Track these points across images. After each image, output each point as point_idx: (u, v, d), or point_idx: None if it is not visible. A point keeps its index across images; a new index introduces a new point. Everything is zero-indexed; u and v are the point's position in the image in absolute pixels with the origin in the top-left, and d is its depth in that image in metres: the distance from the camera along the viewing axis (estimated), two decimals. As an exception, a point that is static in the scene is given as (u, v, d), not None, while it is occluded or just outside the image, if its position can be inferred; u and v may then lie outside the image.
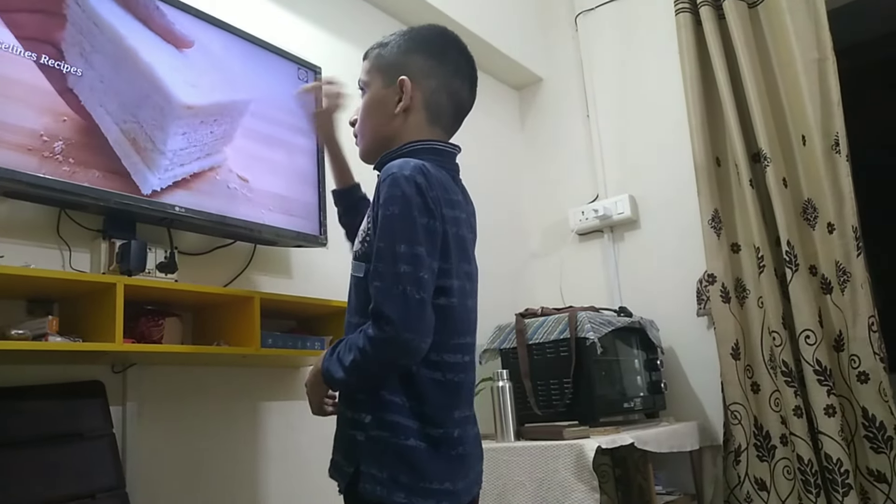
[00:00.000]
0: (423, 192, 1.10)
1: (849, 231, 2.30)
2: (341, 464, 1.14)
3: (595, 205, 2.89)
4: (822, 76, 2.40)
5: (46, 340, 1.24)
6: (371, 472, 1.08)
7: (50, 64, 1.34)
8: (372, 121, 1.28)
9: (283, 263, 1.92)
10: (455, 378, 1.16)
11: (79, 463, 1.36)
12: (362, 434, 1.10)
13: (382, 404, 1.10)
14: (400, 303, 1.04)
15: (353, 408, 1.14)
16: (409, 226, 1.07)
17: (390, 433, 1.09)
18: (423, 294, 1.06)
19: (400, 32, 1.30)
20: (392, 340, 1.05)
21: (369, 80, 1.28)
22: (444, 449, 1.12)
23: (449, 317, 1.14)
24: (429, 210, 1.10)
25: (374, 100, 1.27)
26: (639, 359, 2.47)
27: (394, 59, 1.26)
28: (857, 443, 2.25)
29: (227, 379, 1.73)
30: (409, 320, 1.04)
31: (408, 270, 1.05)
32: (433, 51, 1.27)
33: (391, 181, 1.10)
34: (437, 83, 1.26)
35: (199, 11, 1.66)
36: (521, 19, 3.12)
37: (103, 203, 1.39)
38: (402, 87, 1.23)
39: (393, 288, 1.05)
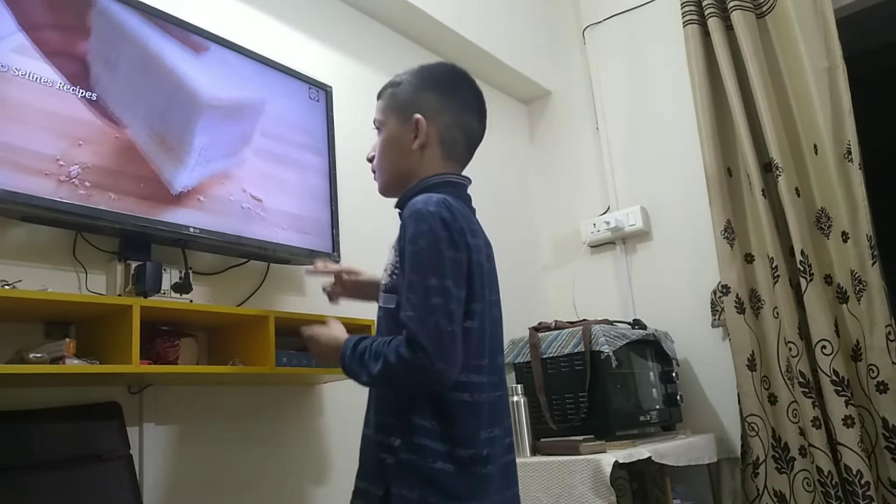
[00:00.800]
0: (449, 225, 1.15)
1: (863, 239, 2.28)
2: (369, 489, 1.16)
3: (607, 217, 2.89)
4: (832, 84, 2.40)
5: (64, 363, 1.24)
6: (402, 494, 1.11)
7: (70, 91, 1.36)
8: (390, 158, 1.34)
9: (297, 281, 1.93)
10: (480, 398, 1.19)
11: (97, 484, 1.36)
12: (392, 457, 1.14)
13: (411, 428, 1.14)
14: (434, 334, 1.09)
15: (383, 432, 1.17)
16: (438, 260, 1.13)
17: (419, 456, 1.12)
18: (454, 326, 1.11)
19: (411, 71, 1.37)
20: (426, 369, 1.09)
21: (385, 119, 1.35)
22: (472, 469, 1.14)
23: (473, 339, 1.18)
24: (454, 243, 1.15)
25: (391, 138, 1.33)
26: (654, 371, 2.45)
27: (407, 98, 1.33)
28: (877, 454, 2.22)
29: (243, 398, 1.73)
30: (443, 351, 1.09)
31: (439, 303, 1.11)
32: (444, 88, 1.34)
33: (417, 217, 1.16)
34: (450, 119, 1.33)
35: (210, 33, 1.68)
36: (529, 33, 3.13)
37: (119, 225, 1.40)
38: (418, 126, 1.29)
39: (426, 319, 1.10)
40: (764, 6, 2.58)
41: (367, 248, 2.07)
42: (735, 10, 2.54)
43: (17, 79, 1.29)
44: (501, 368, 1.29)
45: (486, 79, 2.98)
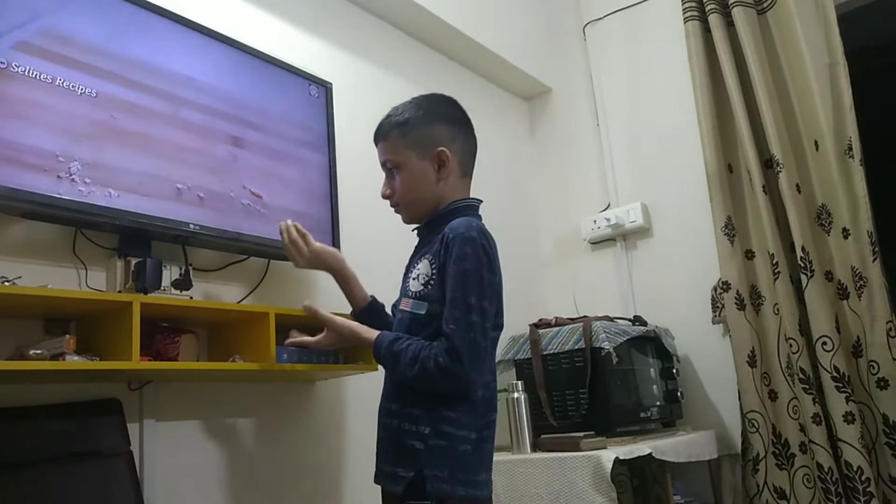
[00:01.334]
0: (488, 252, 1.33)
1: (864, 235, 2.28)
2: (397, 472, 1.31)
3: (607, 213, 2.89)
4: (833, 81, 2.39)
5: (64, 360, 1.24)
6: (435, 474, 1.27)
7: (65, 85, 1.36)
8: (418, 192, 1.44)
9: (297, 279, 1.92)
10: (487, 394, 1.38)
11: (97, 481, 1.37)
12: (422, 444, 1.29)
13: (440, 419, 1.30)
14: (472, 348, 1.28)
15: (412, 421, 1.32)
16: (479, 282, 1.30)
17: (447, 442, 1.30)
18: (487, 343, 1.32)
19: (409, 108, 1.45)
20: (460, 377, 1.28)
21: (403, 159, 1.44)
22: (482, 445, 1.35)
23: (494, 345, 1.41)
24: (492, 268, 1.33)
25: (416, 174, 1.43)
26: (654, 368, 2.45)
27: (423, 134, 1.43)
28: (878, 450, 2.22)
29: (243, 395, 1.73)
30: (476, 364, 1.29)
31: (478, 321, 1.28)
32: (449, 116, 1.47)
33: (462, 240, 1.31)
34: (461, 144, 1.47)
35: (210, 30, 1.67)
36: (530, 30, 3.13)
37: (118, 222, 1.40)
38: (443, 157, 1.42)
39: (466, 334, 1.27)
40: (765, 2, 2.58)
41: (367, 244, 2.08)
42: (736, 6, 2.53)
43: (18, 75, 1.29)
44: None
45: (487, 76, 2.98)
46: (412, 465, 1.29)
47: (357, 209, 2.06)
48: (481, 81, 2.97)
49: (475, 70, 2.92)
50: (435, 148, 1.42)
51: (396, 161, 1.44)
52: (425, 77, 2.63)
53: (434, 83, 2.66)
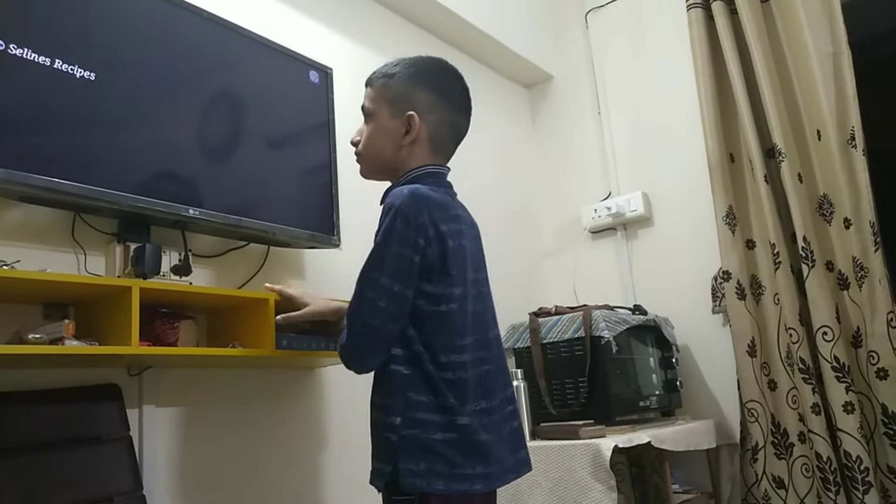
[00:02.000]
0: (409, 222, 1.22)
1: (866, 226, 2.27)
2: (381, 468, 1.22)
3: (608, 202, 2.88)
4: (836, 70, 2.38)
5: (63, 344, 1.24)
6: (409, 468, 1.18)
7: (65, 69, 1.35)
8: (378, 148, 1.38)
9: (297, 265, 1.92)
10: (463, 376, 1.25)
11: (96, 466, 1.36)
12: (395, 435, 1.20)
13: (410, 405, 1.21)
14: (358, 324, 1.24)
15: (385, 412, 1.24)
16: (384, 255, 1.22)
17: (420, 430, 1.20)
18: (376, 321, 1.21)
19: (405, 63, 1.40)
20: (347, 351, 1.26)
21: (375, 109, 1.38)
22: (471, 437, 1.23)
23: (450, 321, 1.26)
24: (407, 240, 1.21)
25: (381, 129, 1.37)
26: (654, 357, 2.45)
27: (401, 92, 1.36)
28: (876, 440, 2.23)
29: (243, 381, 1.73)
30: (358, 341, 1.24)
31: (370, 296, 1.21)
32: (437, 86, 1.38)
33: (385, 211, 1.25)
34: (441, 117, 1.37)
35: (210, 14, 1.66)
36: (532, 17, 3.11)
37: (118, 206, 1.39)
38: (411, 122, 1.34)
39: (357, 309, 1.24)
40: (769, -10, 2.56)
41: (366, 231, 2.06)
42: (739, -7, 2.52)
43: (15, 58, 1.28)
44: (491, 343, 1.35)
45: (488, 63, 2.96)
46: (390, 460, 1.20)
47: (357, 196, 2.05)
48: (482, 68, 2.95)
49: (476, 57, 2.90)
50: (406, 110, 1.34)
51: (370, 109, 1.39)
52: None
53: (435, 70, 2.65)
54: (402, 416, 1.21)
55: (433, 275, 1.24)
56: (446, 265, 1.25)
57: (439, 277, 1.25)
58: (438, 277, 1.25)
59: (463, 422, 1.22)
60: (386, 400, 1.24)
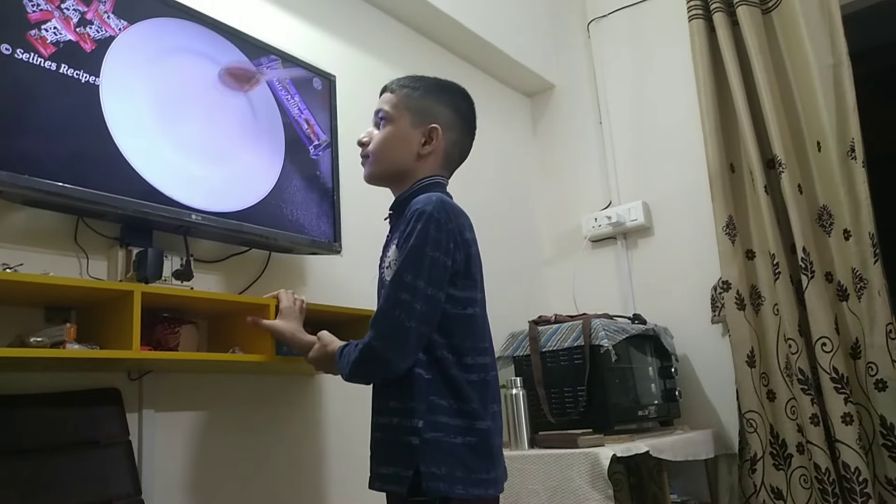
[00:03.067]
0: (441, 227, 1.25)
1: (865, 238, 2.28)
2: (398, 472, 1.23)
3: (608, 212, 2.89)
4: (837, 81, 2.39)
5: (64, 348, 1.24)
6: (432, 471, 1.20)
7: (69, 73, 1.36)
8: (393, 153, 1.41)
9: (298, 271, 1.92)
10: (486, 377, 1.31)
11: (95, 470, 1.36)
12: (416, 438, 1.22)
13: (432, 409, 1.24)
14: (392, 325, 1.22)
15: (406, 416, 1.25)
16: (419, 259, 1.23)
17: (443, 434, 1.23)
18: (412, 323, 1.22)
19: (428, 79, 1.46)
20: (377, 355, 1.24)
21: (396, 115, 1.41)
22: (488, 442, 1.27)
23: (476, 324, 1.32)
24: (440, 245, 1.25)
25: (400, 135, 1.40)
26: (653, 366, 2.45)
27: (426, 105, 1.41)
28: (875, 451, 2.22)
29: (243, 386, 1.73)
30: (395, 342, 1.23)
31: (406, 299, 1.22)
32: (459, 108, 1.45)
33: (417, 217, 1.26)
34: (456, 137, 1.44)
35: (214, 21, 1.67)
36: (534, 26, 3.12)
37: (121, 211, 1.40)
38: (433, 134, 1.39)
39: (390, 311, 1.23)
40: (770, 1, 2.57)
41: (367, 237, 2.07)
42: (741, 5, 2.53)
43: (20, 62, 1.29)
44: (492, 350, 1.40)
45: (490, 71, 2.98)
46: (411, 464, 1.21)
47: (358, 202, 2.06)
48: (484, 77, 2.97)
49: (478, 65, 2.91)
50: (430, 122, 1.39)
51: (390, 114, 1.41)
52: (428, 71, 2.57)
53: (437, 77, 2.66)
54: (425, 419, 1.22)
55: (459, 279, 1.29)
56: (470, 270, 1.31)
57: (464, 282, 1.30)
58: (464, 282, 1.30)
59: (483, 426, 1.26)
60: (408, 404, 1.25)
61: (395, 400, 1.28)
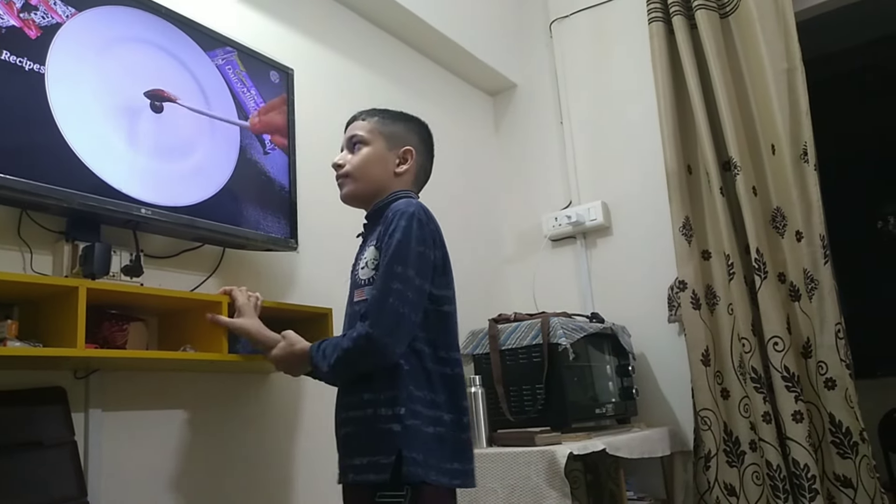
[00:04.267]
0: (423, 225, 1.35)
1: (816, 239, 2.33)
2: (378, 461, 1.27)
3: (568, 211, 2.90)
4: (791, 86, 2.44)
5: (5, 345, 1.20)
6: (412, 456, 1.26)
7: (12, 61, 1.31)
8: (372, 172, 1.50)
9: (253, 267, 1.89)
10: (459, 372, 1.41)
11: (38, 472, 1.32)
12: (399, 425, 1.28)
13: (412, 398, 1.30)
14: (387, 312, 1.28)
15: (386, 405, 1.30)
16: (407, 251, 1.32)
17: (421, 422, 1.30)
18: (405, 309, 1.29)
19: (396, 112, 1.57)
20: (374, 341, 1.28)
21: (371, 139, 1.51)
22: (456, 433, 1.35)
23: (451, 321, 1.42)
24: (424, 240, 1.35)
25: (377, 157, 1.51)
26: (611, 365, 2.47)
27: (397, 131, 1.54)
28: (824, 448, 2.27)
29: (194, 385, 1.69)
30: (391, 328, 1.28)
31: (398, 287, 1.29)
32: (424, 137, 1.59)
33: (399, 216, 1.35)
34: (423, 161, 1.57)
35: (168, 10, 1.63)
36: (496, 25, 3.12)
37: (66, 204, 1.35)
38: (408, 155, 1.52)
39: (384, 300, 1.29)
40: (727, 6, 2.61)
41: (324, 233, 2.05)
42: (699, 9, 2.56)
43: None
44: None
45: (453, 69, 2.97)
46: (392, 449, 1.26)
47: (315, 198, 2.03)
48: (446, 74, 2.96)
49: (440, 63, 2.90)
50: (403, 145, 1.51)
51: (365, 138, 1.51)
52: (390, 67, 2.60)
53: (399, 74, 2.64)
54: (406, 406, 1.29)
55: (437, 277, 1.38)
56: (446, 269, 1.42)
57: (441, 280, 1.40)
58: (440, 280, 1.39)
59: (447, 418, 1.34)
60: (388, 392, 1.30)
61: (370, 392, 1.33)
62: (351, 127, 1.55)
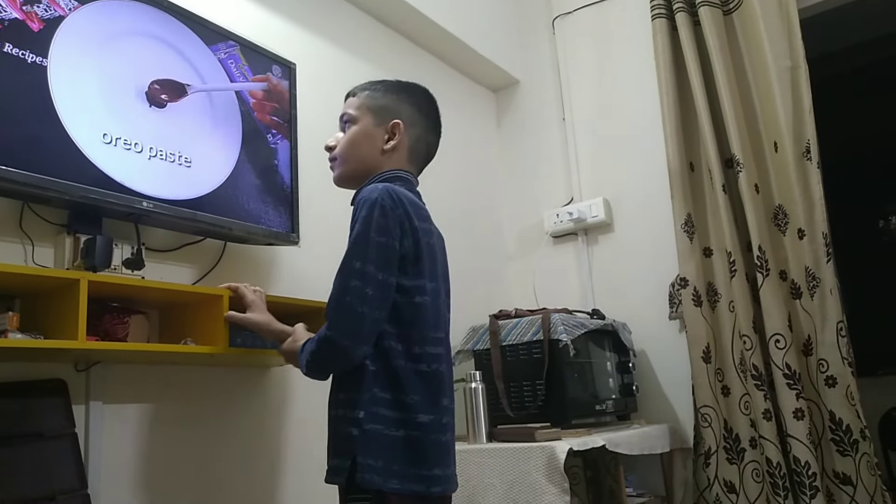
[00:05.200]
0: (386, 212, 1.25)
1: (819, 237, 2.32)
2: (340, 465, 1.22)
3: (570, 207, 2.90)
4: (794, 84, 2.43)
5: (6, 337, 1.20)
6: (367, 463, 1.19)
7: (14, 53, 1.31)
8: (359, 152, 1.42)
9: (254, 262, 1.89)
10: (438, 368, 1.30)
11: (39, 463, 1.33)
12: (357, 429, 1.21)
13: (374, 400, 1.23)
14: (344, 313, 1.22)
15: (347, 406, 1.24)
16: (366, 244, 1.23)
17: (383, 426, 1.22)
18: (365, 308, 1.21)
19: (389, 82, 1.48)
20: (333, 344, 1.23)
21: (359, 116, 1.43)
22: (433, 436, 1.25)
23: (424, 313, 1.30)
24: (386, 230, 1.25)
25: (364, 134, 1.42)
26: (611, 361, 2.47)
27: (386, 103, 1.44)
28: (824, 446, 2.27)
29: (195, 378, 1.70)
30: (349, 329, 1.22)
31: (356, 285, 1.21)
32: (419, 104, 1.47)
33: (361, 204, 1.28)
34: (420, 132, 1.46)
35: (170, 4, 1.63)
36: (499, 21, 3.12)
37: (68, 197, 1.36)
38: (395, 129, 1.41)
39: (341, 299, 1.22)
40: (731, 3, 2.60)
41: (326, 228, 2.05)
42: (703, 6, 2.56)
43: None
44: (446, 342, 1.40)
45: (455, 65, 2.96)
46: (349, 455, 1.20)
47: (317, 193, 2.03)
48: (449, 71, 2.96)
49: (444, 59, 2.90)
50: (391, 119, 1.42)
51: (353, 116, 1.44)
52: (392, 63, 2.60)
53: (401, 69, 2.64)
54: (367, 410, 1.22)
55: (408, 266, 1.28)
56: (419, 257, 1.30)
57: (413, 269, 1.29)
58: (412, 269, 1.29)
59: (423, 420, 1.24)
60: (352, 395, 1.24)
61: (343, 392, 1.28)
62: (344, 104, 1.48)
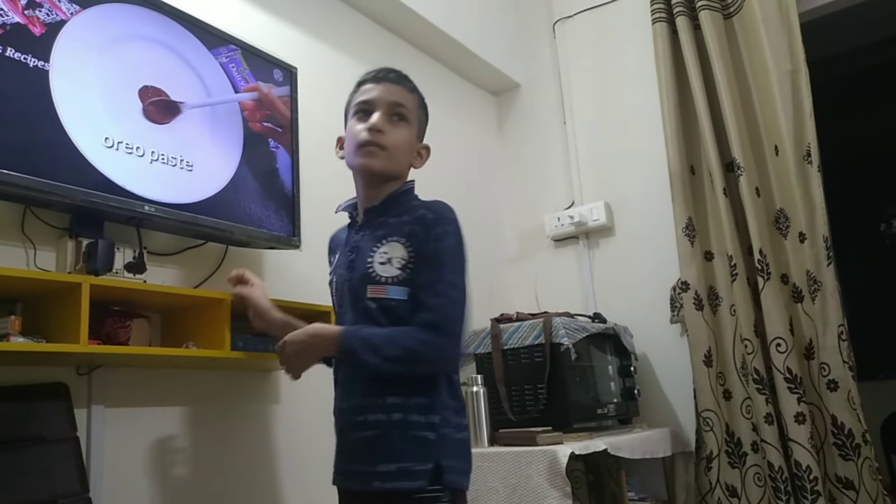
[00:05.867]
0: (461, 231, 1.35)
1: (820, 241, 2.32)
2: (410, 468, 1.24)
3: (571, 211, 2.90)
4: (794, 87, 2.43)
5: (8, 341, 1.20)
6: (451, 464, 1.27)
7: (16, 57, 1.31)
8: (405, 158, 1.44)
9: (256, 265, 1.89)
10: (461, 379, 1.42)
11: (40, 467, 1.32)
12: (433, 433, 1.27)
13: (444, 406, 1.30)
14: (456, 322, 1.29)
15: (416, 412, 1.28)
16: (459, 259, 1.33)
17: (454, 430, 1.31)
18: (466, 320, 1.31)
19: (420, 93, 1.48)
20: (446, 351, 1.29)
21: (411, 119, 1.44)
22: (466, 437, 1.35)
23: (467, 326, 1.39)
24: (465, 246, 1.35)
25: (410, 142, 1.44)
26: (612, 365, 2.47)
27: (424, 119, 1.49)
28: (826, 450, 2.27)
29: (197, 382, 1.70)
30: (459, 339, 1.29)
31: (459, 297, 1.30)
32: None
33: (445, 220, 1.34)
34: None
35: (172, 8, 1.63)
36: (500, 25, 3.12)
37: (70, 200, 1.36)
38: (425, 154, 1.49)
39: (451, 309, 1.29)
40: (731, 7, 2.61)
41: (327, 232, 2.05)
42: (703, 9, 2.56)
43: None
44: None
45: (457, 69, 2.97)
46: (429, 458, 1.24)
47: (318, 196, 2.03)
48: (451, 74, 2.96)
49: (445, 63, 2.90)
50: (422, 139, 1.48)
51: (408, 116, 1.42)
52: (394, 66, 2.60)
53: (402, 74, 2.64)
54: (441, 415, 1.28)
55: None
56: None
57: None
58: None
59: (465, 422, 1.36)
60: (422, 399, 1.29)
61: (397, 395, 1.28)
62: (394, 90, 1.40)
